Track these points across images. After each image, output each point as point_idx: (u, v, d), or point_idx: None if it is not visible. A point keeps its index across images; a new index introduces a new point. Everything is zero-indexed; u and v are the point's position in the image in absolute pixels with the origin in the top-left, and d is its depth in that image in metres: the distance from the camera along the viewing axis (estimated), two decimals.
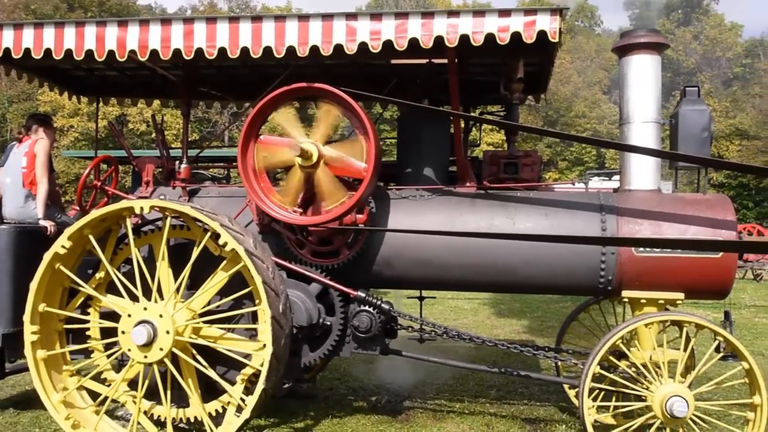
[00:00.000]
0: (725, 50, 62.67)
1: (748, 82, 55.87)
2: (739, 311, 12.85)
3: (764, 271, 20.35)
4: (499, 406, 5.88)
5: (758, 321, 11.57)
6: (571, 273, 4.65)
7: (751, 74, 56.73)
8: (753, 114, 47.40)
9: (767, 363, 7.93)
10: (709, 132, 4.71)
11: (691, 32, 62.97)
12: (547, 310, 11.89)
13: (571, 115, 47.10)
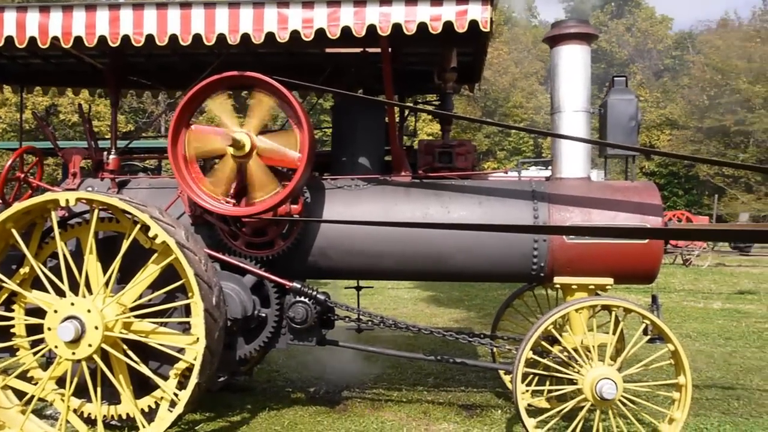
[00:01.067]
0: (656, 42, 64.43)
1: (677, 73, 57.59)
2: (668, 295, 13.30)
3: (693, 257, 21.07)
4: (437, 393, 5.94)
5: (686, 305, 11.99)
6: (504, 260, 4.71)
7: (681, 66, 58.49)
8: (682, 104, 48.92)
9: (693, 344, 8.25)
10: (636, 121, 4.82)
11: (624, 24, 64.49)
12: (486, 298, 12.06)
13: (508, 105, 47.75)
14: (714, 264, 21.49)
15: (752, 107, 40.41)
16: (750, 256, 22.91)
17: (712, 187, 40.34)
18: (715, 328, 9.49)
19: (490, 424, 5.08)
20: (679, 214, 25.08)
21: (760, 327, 9.58)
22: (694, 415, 5.29)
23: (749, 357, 7.55)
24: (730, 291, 14.27)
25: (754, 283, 15.88)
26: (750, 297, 13.25)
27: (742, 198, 38.22)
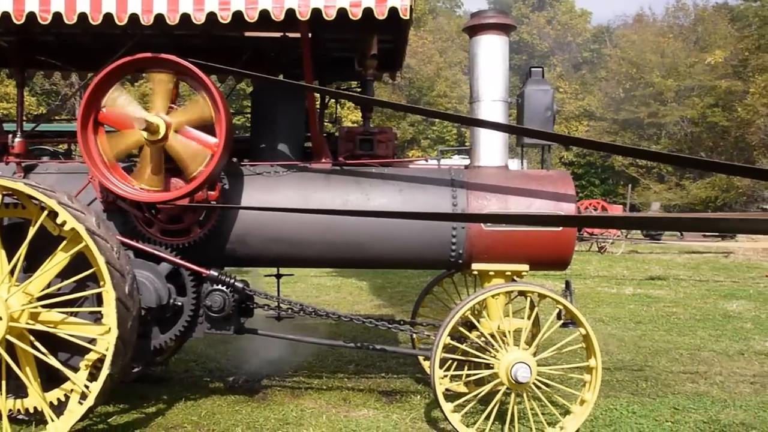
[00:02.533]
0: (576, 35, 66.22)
1: (595, 66, 59.35)
2: (584, 281, 13.74)
3: (607, 244, 21.82)
4: (357, 380, 5.96)
5: (600, 290, 12.40)
6: (423, 248, 4.75)
7: (599, 59, 60.33)
8: (600, 96, 50.51)
9: (606, 328, 8.54)
10: (552, 111, 4.92)
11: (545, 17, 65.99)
12: (408, 285, 12.15)
13: (433, 94, 48.15)
14: (627, 251, 22.33)
15: (665, 100, 42.06)
16: (661, 243, 23.86)
17: (626, 177, 41.81)
18: (626, 312, 9.85)
19: (409, 410, 5.13)
20: (595, 203, 25.91)
21: (668, 311, 10.00)
22: (605, 396, 5.48)
23: (657, 340, 7.87)
24: (641, 277, 14.86)
25: (663, 270, 16.58)
26: (660, 283, 13.82)
27: (655, 188, 39.83)
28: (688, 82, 41.46)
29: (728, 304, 10.78)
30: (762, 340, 7.90)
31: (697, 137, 42.01)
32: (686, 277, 14.97)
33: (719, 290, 12.55)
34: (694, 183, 38.55)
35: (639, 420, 4.96)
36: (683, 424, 4.87)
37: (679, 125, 41.91)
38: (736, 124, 38.49)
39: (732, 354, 7.19)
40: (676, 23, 50.74)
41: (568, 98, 53.92)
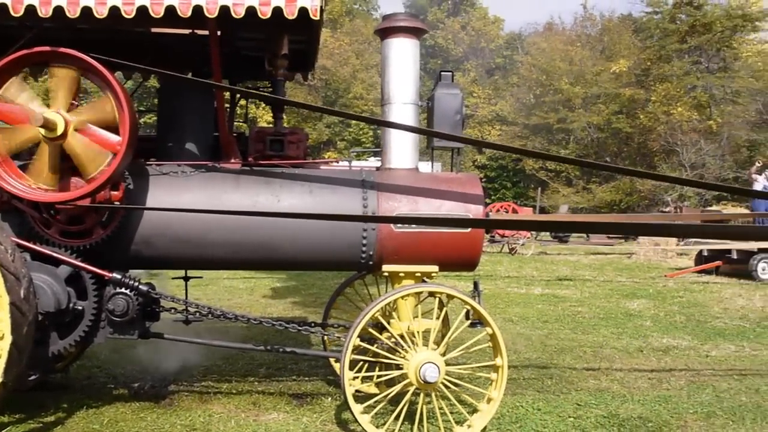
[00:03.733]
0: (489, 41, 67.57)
1: (508, 72, 60.75)
2: (495, 282, 14.04)
3: (518, 245, 22.37)
4: (268, 383, 5.89)
5: (511, 291, 12.70)
6: (334, 249, 4.74)
7: (511, 65, 61.78)
8: (512, 102, 51.68)
9: (515, 328, 8.75)
10: (461, 114, 5.01)
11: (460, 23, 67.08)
12: (323, 287, 12.09)
13: (349, 96, 48.17)
14: (537, 252, 22.93)
15: (573, 107, 43.42)
16: (569, 245, 24.63)
17: (537, 181, 42.94)
18: (534, 312, 10.12)
19: (319, 412, 5.11)
20: (506, 205, 26.53)
21: (574, 310, 10.34)
22: (512, 394, 5.62)
23: (563, 338, 8.12)
24: (549, 277, 15.30)
25: (570, 270, 17.12)
26: (567, 283, 14.27)
27: (563, 191, 41.06)
28: (594, 89, 42.95)
29: (630, 303, 11.23)
30: (660, 337, 8.26)
31: (602, 142, 43.56)
32: (591, 277, 15.51)
33: (622, 290, 13.06)
34: (600, 187, 39.95)
35: (543, 417, 5.10)
36: (585, 420, 5.04)
37: (586, 131, 43.36)
38: (638, 131, 40.14)
39: (632, 351, 7.49)
40: (584, 32, 52.48)
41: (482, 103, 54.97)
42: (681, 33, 38.59)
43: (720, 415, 5.19)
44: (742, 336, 8.42)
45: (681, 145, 35.49)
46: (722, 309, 10.68)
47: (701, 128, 35.80)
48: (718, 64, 39.15)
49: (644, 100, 39.62)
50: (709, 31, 37.67)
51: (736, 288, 13.55)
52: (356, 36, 51.91)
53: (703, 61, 39.13)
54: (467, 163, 47.50)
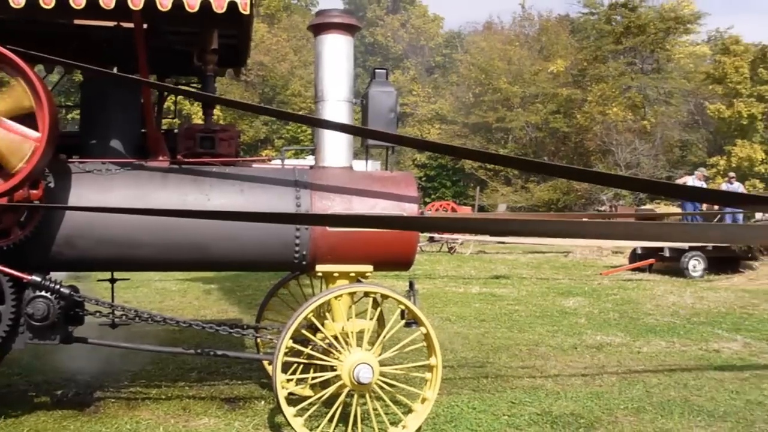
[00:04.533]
0: (428, 40, 68.05)
1: (447, 70, 61.29)
2: (433, 281, 14.08)
3: (457, 245, 22.54)
4: (199, 388, 5.74)
5: (449, 290, 12.74)
6: (266, 249, 4.62)
7: (450, 64, 62.34)
8: (451, 100, 52.17)
9: (452, 327, 8.78)
10: (395, 112, 4.96)
11: (399, 20, 67.34)
12: (258, 288, 11.91)
13: (287, 93, 47.84)
14: (476, 251, 23.17)
15: (511, 106, 44.09)
16: (507, 244, 24.94)
17: (476, 180, 43.43)
18: (472, 311, 10.17)
19: (252, 416, 5.00)
20: (445, 204, 26.73)
21: (510, 309, 10.43)
22: (448, 393, 5.61)
23: (499, 337, 8.17)
24: (487, 276, 15.44)
25: (508, 269, 17.34)
26: (504, 281, 14.42)
27: (502, 190, 41.63)
28: (532, 89, 43.68)
29: (565, 301, 11.41)
30: (593, 334, 8.39)
31: (540, 142, 44.35)
32: (529, 275, 15.72)
33: (558, 288, 13.27)
34: (538, 186, 40.65)
35: (478, 415, 5.10)
36: (519, 417, 5.06)
37: (525, 130, 44.07)
38: (575, 130, 41.03)
39: (566, 348, 7.58)
40: (522, 32, 53.35)
41: (421, 101, 55.34)
42: (616, 34, 39.60)
43: (649, 410, 5.28)
44: (672, 332, 8.62)
45: (616, 144, 36.41)
46: (654, 306, 10.94)
47: (636, 128, 36.81)
48: (651, 66, 40.33)
49: (581, 100, 40.50)
50: (643, 32, 38.74)
51: (668, 285, 13.93)
52: (294, 32, 51.52)
53: (638, 62, 40.24)
54: (407, 162, 47.71)
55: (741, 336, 8.37)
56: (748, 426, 4.95)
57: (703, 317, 9.84)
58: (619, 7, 40.57)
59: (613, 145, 36.56)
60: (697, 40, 45.28)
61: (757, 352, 7.46)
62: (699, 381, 6.19)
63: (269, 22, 51.81)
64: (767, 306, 10.98)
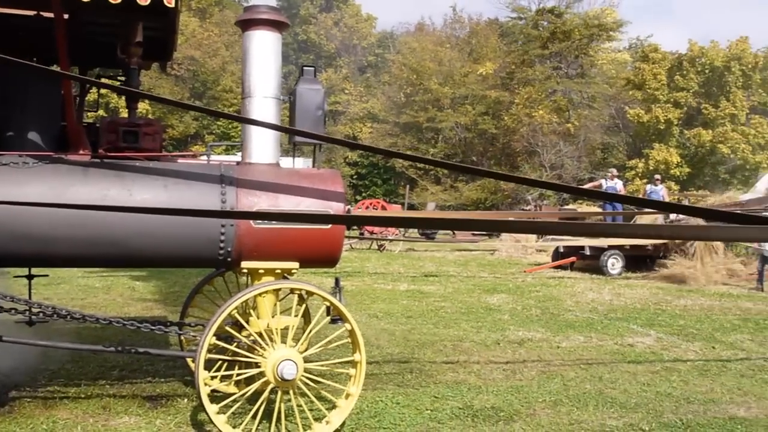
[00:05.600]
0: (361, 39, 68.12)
1: (379, 70, 61.49)
2: (362, 278, 14.15)
3: (387, 242, 22.68)
4: (121, 386, 5.64)
5: (377, 287, 12.83)
6: (190, 245, 4.58)
7: (383, 63, 62.56)
8: (383, 100, 52.37)
9: (379, 323, 8.85)
10: (323, 110, 4.98)
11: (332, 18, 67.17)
12: (185, 285, 11.72)
13: (218, 88, 47.12)
14: (405, 249, 23.36)
15: (441, 107, 44.57)
16: (436, 242, 25.27)
17: (407, 178, 43.73)
18: (399, 307, 10.28)
19: (174, 414, 4.95)
20: (375, 203, 26.86)
21: (437, 306, 10.59)
22: (372, 389, 5.68)
23: (425, 333, 8.30)
24: (415, 274, 15.61)
25: (436, 266, 17.56)
26: (432, 279, 14.61)
27: (432, 189, 42.07)
28: (462, 90, 44.27)
29: (490, 297, 11.65)
30: (516, 330, 8.62)
31: (469, 142, 45.00)
32: (456, 273, 15.96)
33: (483, 285, 13.53)
34: (466, 185, 41.25)
35: (402, 410, 5.19)
36: (441, 411, 5.17)
37: (454, 130, 44.64)
38: (503, 132, 41.79)
39: (489, 344, 7.77)
40: (453, 34, 53.96)
41: (353, 100, 55.40)
42: (543, 39, 40.55)
43: (566, 403, 5.48)
44: (590, 327, 8.93)
45: (542, 146, 37.29)
46: (574, 302, 11.30)
47: (560, 130, 37.76)
48: (576, 70, 41.44)
49: (508, 102, 41.29)
50: (568, 38, 39.79)
51: (588, 282, 14.39)
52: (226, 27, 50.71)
53: (563, 67, 41.27)
54: (338, 160, 47.71)
55: (654, 331, 8.75)
56: (657, 416, 5.20)
57: (620, 313, 10.23)
58: (546, 13, 41.58)
59: (538, 146, 37.44)
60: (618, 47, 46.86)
61: (668, 346, 7.81)
62: (613, 374, 6.44)
63: (201, 16, 50.93)
64: (679, 302, 11.51)
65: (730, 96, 37.31)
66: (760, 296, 12.55)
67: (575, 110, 39.97)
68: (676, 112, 37.56)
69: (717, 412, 5.34)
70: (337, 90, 57.17)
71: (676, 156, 36.96)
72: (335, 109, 55.21)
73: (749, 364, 6.94)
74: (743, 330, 8.94)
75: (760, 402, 5.62)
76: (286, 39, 70.21)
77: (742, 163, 37.28)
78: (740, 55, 37.40)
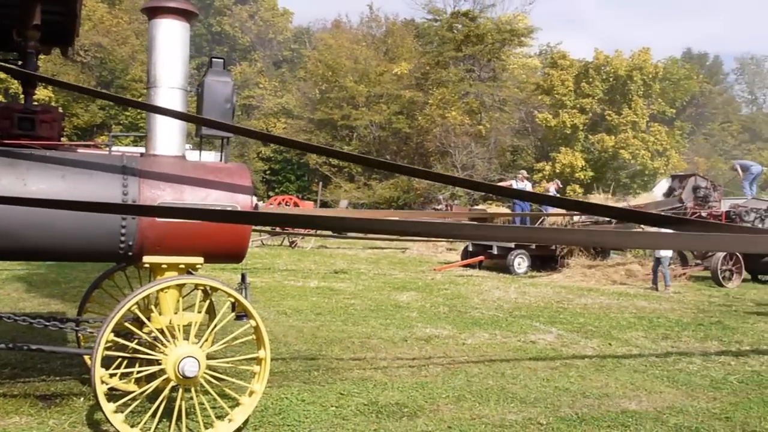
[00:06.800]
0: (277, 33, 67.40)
1: (295, 65, 61.03)
2: (273, 275, 14.02)
3: (298, 239, 22.55)
4: (12, 385, 5.39)
5: (287, 284, 12.74)
6: (89, 239, 4.41)
7: (298, 59, 62.12)
8: (298, 95, 51.97)
9: (288, 320, 8.80)
10: (232, 103, 4.90)
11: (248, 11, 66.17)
12: (86, 280, 11.25)
13: (127, 78, 45.63)
14: (317, 246, 23.31)
15: (356, 104, 44.65)
16: (348, 239, 25.29)
17: (320, 175, 43.61)
18: (309, 304, 10.24)
19: (68, 413, 4.77)
20: (287, 199, 26.64)
21: (347, 303, 10.61)
22: (278, 386, 5.64)
23: (334, 330, 8.29)
24: (326, 270, 15.59)
25: (347, 263, 17.60)
26: (343, 276, 14.63)
27: (345, 186, 42.09)
28: (377, 89, 44.49)
29: (400, 295, 11.76)
30: (423, 327, 8.73)
31: (384, 141, 45.27)
32: (367, 270, 16.04)
33: (393, 283, 13.65)
34: (380, 183, 41.49)
35: (307, 407, 5.17)
36: (346, 408, 5.18)
37: (369, 129, 44.81)
38: (416, 131, 42.25)
39: (397, 341, 7.84)
40: (370, 33, 54.11)
41: (268, 95, 54.77)
42: (457, 42, 41.25)
43: (469, 398, 5.59)
44: (495, 325, 9.15)
45: (454, 147, 37.93)
46: (481, 300, 11.55)
47: (472, 132, 38.51)
48: (488, 74, 42.33)
49: (422, 102, 41.77)
50: (481, 42, 40.62)
51: (495, 281, 14.74)
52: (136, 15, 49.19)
53: (476, 70, 42.09)
54: (251, 155, 47.08)
55: (555, 328, 9.04)
56: (554, 410, 5.37)
57: (524, 311, 10.52)
58: (461, 16, 42.31)
59: (451, 147, 38.06)
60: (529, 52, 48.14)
61: (568, 343, 8.09)
62: (515, 370, 6.62)
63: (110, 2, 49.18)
64: (580, 301, 11.94)
65: (631, 104, 38.96)
66: (655, 295, 13.17)
67: (487, 113, 40.83)
68: (582, 118, 38.92)
69: (610, 405, 5.56)
70: (251, 84, 56.37)
71: (581, 160, 38.31)
72: (249, 103, 54.43)
73: (642, 360, 7.27)
74: (638, 327, 9.35)
75: (650, 396, 5.89)
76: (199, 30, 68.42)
77: (642, 169, 39.03)
78: (642, 65, 39.10)
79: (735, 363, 7.32)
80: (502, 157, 41.03)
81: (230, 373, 4.79)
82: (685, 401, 5.77)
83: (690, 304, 12.08)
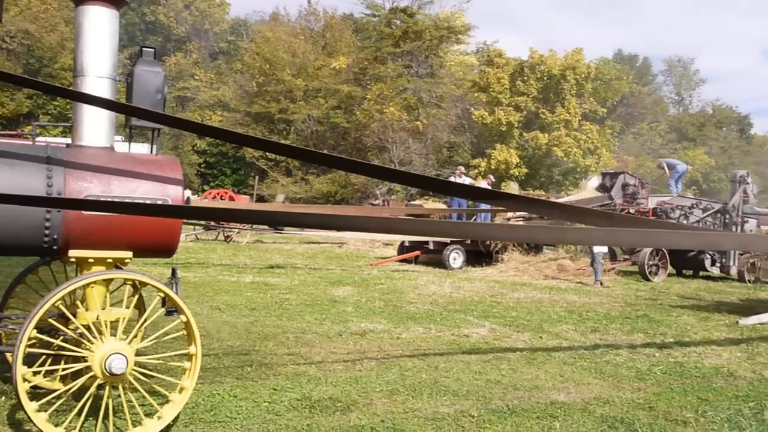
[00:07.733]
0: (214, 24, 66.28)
1: (231, 57, 60.16)
2: (206, 270, 13.83)
3: (234, 233, 22.28)
4: None
5: (222, 278, 12.58)
6: (9, 232, 4.24)
7: (235, 51, 61.26)
8: (234, 88, 51.31)
9: (222, 316, 8.68)
10: (163, 93, 4.80)
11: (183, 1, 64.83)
12: (10, 275, 10.87)
13: (56, 66, 44.17)
14: (253, 241, 23.08)
15: (294, 98, 44.38)
16: (284, 233, 25.11)
17: (257, 169, 43.18)
18: (243, 300, 10.13)
19: None
20: (223, 193, 26.28)
21: (282, 298, 10.53)
22: (210, 382, 5.55)
23: (268, 325, 8.22)
24: (262, 266, 15.45)
25: (284, 258, 17.48)
26: (278, 271, 14.52)
27: (282, 181, 41.80)
28: (315, 83, 44.32)
29: (336, 290, 11.75)
30: (359, 321, 8.74)
31: (322, 135, 45.15)
32: (303, 265, 15.96)
33: (330, 277, 13.62)
34: (317, 178, 41.36)
35: (239, 403, 5.11)
36: (279, 404, 5.14)
37: (306, 123, 44.59)
38: (354, 127, 42.31)
39: (332, 335, 7.82)
40: (308, 26, 53.81)
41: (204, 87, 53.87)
42: (395, 37, 41.45)
43: (402, 392, 5.62)
44: (430, 319, 9.23)
45: (391, 142, 38.12)
46: (417, 295, 11.63)
47: (409, 128, 38.78)
48: (426, 70, 42.69)
49: (361, 97, 41.84)
50: (419, 38, 40.92)
51: (431, 276, 14.87)
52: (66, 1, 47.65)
53: (414, 66, 42.38)
54: (186, 147, 46.25)
55: (489, 322, 9.18)
56: (486, 403, 5.45)
57: (459, 305, 10.65)
58: (399, 12, 42.50)
59: (388, 142, 38.26)
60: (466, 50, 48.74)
61: (500, 337, 8.22)
62: (449, 364, 6.69)
63: None
64: (513, 295, 12.16)
65: (565, 102, 39.89)
66: (585, 290, 13.52)
67: (424, 109, 41.16)
68: (517, 116, 39.64)
69: (540, 397, 5.68)
70: (186, 75, 55.31)
71: (516, 157, 39.02)
72: (183, 95, 53.42)
73: (571, 353, 7.45)
74: (568, 321, 9.58)
75: (579, 387, 6.04)
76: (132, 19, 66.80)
77: (574, 166, 40.00)
78: (575, 65, 40.05)
79: (659, 354, 7.58)
80: (439, 153, 41.45)
81: (160, 369, 4.69)
82: (611, 392, 5.94)
83: (618, 298, 12.46)
